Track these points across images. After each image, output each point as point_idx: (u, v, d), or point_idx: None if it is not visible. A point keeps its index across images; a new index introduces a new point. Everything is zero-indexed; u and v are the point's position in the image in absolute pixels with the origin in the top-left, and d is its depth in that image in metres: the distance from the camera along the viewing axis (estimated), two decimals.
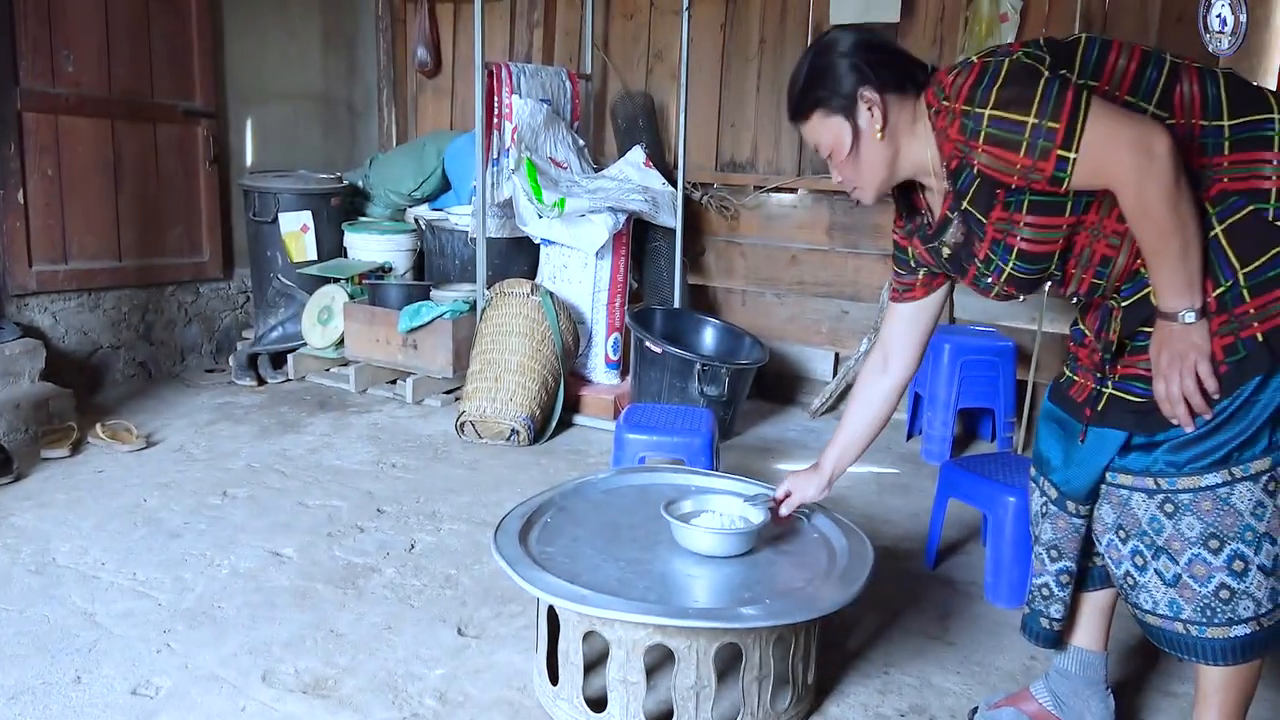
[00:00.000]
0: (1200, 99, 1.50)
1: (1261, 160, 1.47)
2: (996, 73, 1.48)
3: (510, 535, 1.96)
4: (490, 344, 3.67)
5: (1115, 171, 1.44)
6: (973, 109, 1.49)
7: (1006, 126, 1.46)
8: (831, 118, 1.66)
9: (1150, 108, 1.50)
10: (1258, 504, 1.52)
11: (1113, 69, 1.52)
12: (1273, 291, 1.45)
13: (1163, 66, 1.52)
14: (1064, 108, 1.43)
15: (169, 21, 4.20)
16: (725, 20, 4.39)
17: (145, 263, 4.19)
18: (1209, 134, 1.49)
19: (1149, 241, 1.47)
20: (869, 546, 1.97)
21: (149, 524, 2.74)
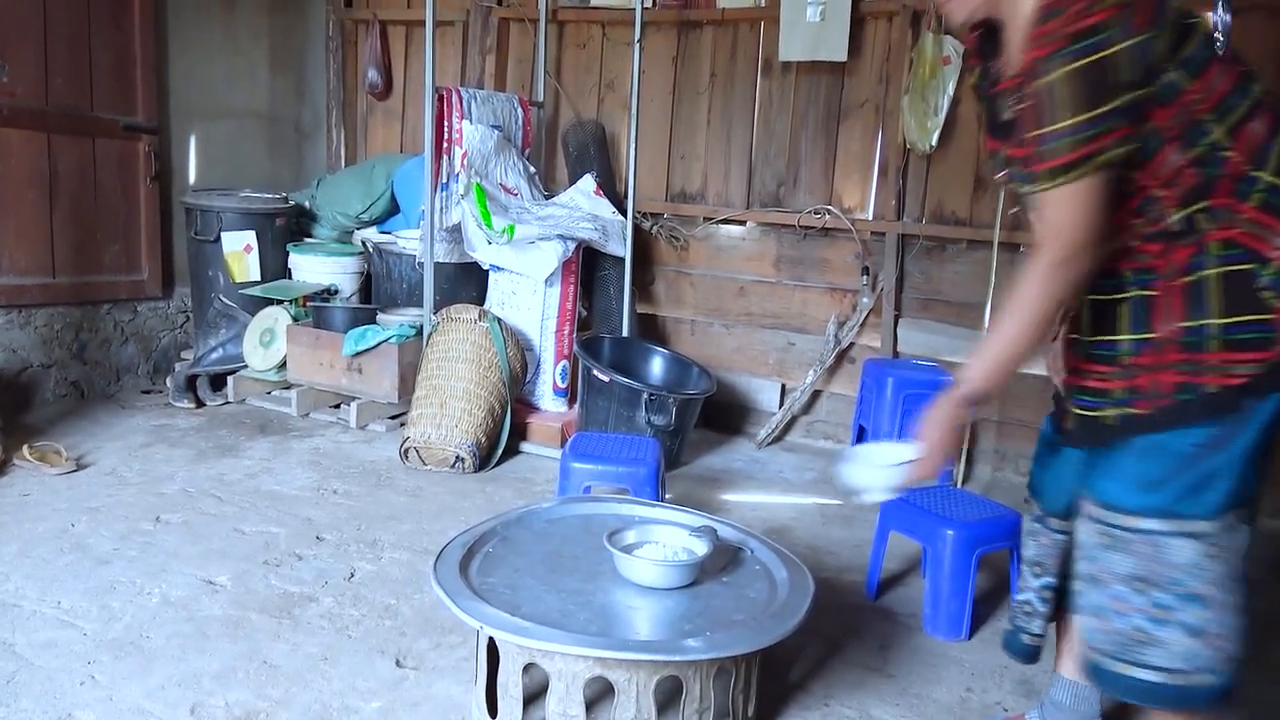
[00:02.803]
0: (1261, 145, 1.49)
1: (1276, 230, 1.48)
2: (1101, 50, 1.41)
3: (451, 565, 1.94)
4: (436, 369, 3.63)
5: (1048, 234, 1.49)
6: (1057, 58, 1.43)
7: (1048, 97, 1.44)
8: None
9: (1217, 131, 1.48)
10: (1195, 564, 1.51)
11: (1209, 80, 1.48)
12: (1239, 353, 1.48)
13: (1248, 95, 1.50)
14: (1077, 152, 1.43)
15: (111, 34, 4.13)
16: (677, 53, 4.44)
17: (80, 280, 4.09)
18: (1248, 180, 1.49)
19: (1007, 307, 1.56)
20: (809, 578, 1.98)
21: (76, 550, 2.65)
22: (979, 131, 3.84)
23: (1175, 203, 1.51)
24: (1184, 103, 1.47)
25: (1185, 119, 1.47)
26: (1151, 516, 1.52)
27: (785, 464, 3.95)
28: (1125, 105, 1.43)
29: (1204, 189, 1.49)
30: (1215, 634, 1.52)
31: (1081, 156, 1.43)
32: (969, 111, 3.85)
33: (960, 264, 3.95)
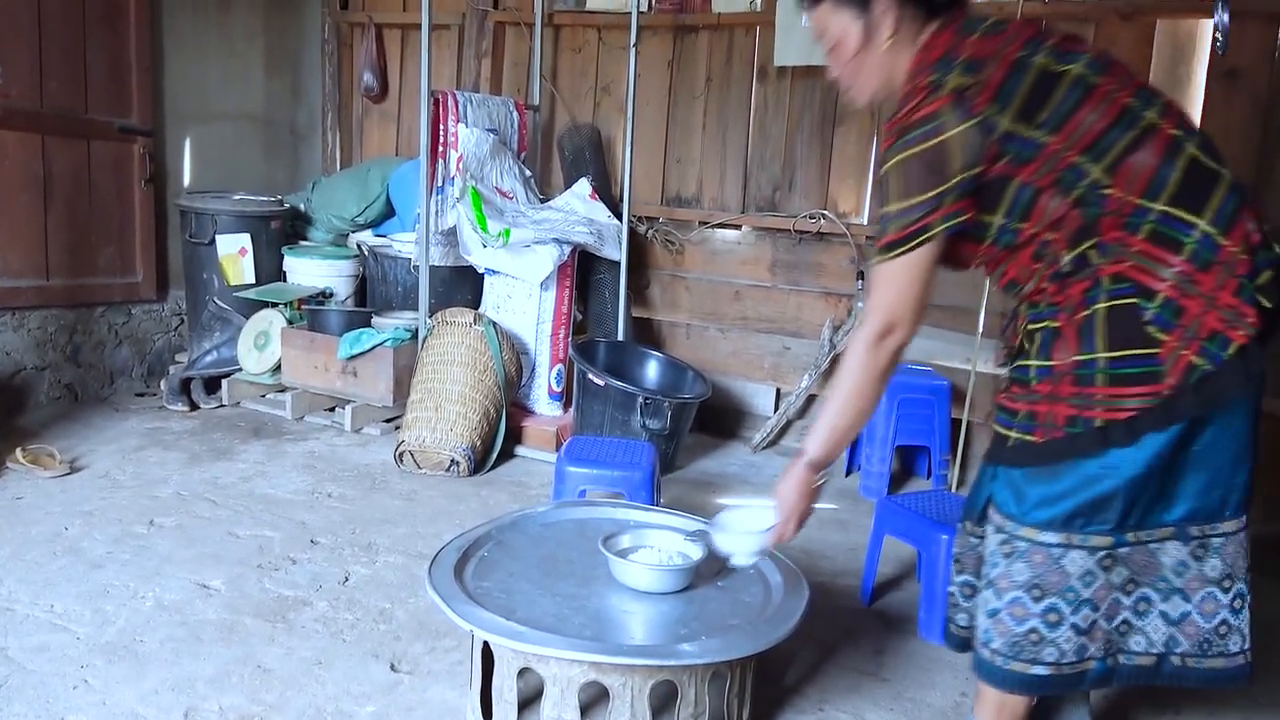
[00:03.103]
0: (1150, 175, 1.52)
1: (1166, 262, 1.50)
2: (929, 139, 1.54)
3: (445, 569, 1.94)
4: (432, 373, 3.63)
5: (869, 305, 1.65)
6: (896, 145, 1.58)
7: (887, 184, 1.60)
8: (842, 9, 1.67)
9: (1095, 170, 1.53)
10: (1088, 572, 1.60)
11: (1076, 126, 1.53)
12: (1125, 388, 1.51)
13: (1133, 126, 1.53)
14: (907, 229, 1.57)
15: (107, 37, 4.12)
16: (673, 58, 4.45)
17: (74, 282, 4.08)
18: (1139, 212, 1.52)
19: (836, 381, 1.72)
20: (804, 583, 1.98)
21: (69, 553, 2.64)
22: None
23: (1065, 244, 1.57)
24: (1047, 155, 1.54)
25: (1054, 167, 1.54)
26: (1049, 530, 1.60)
27: (780, 468, 3.92)
28: (954, 186, 1.54)
29: (1090, 228, 1.55)
30: (1102, 628, 1.63)
31: (902, 237, 1.57)
32: None
33: None
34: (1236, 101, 3.46)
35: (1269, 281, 1.51)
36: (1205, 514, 1.62)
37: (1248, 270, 1.49)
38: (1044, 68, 1.55)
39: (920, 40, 1.65)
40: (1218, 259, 1.49)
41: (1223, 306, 1.48)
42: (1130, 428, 1.52)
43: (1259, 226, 1.53)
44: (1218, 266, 1.49)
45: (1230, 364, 1.49)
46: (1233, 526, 1.64)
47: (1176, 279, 1.49)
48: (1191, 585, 1.64)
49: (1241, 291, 1.48)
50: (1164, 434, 1.52)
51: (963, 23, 1.64)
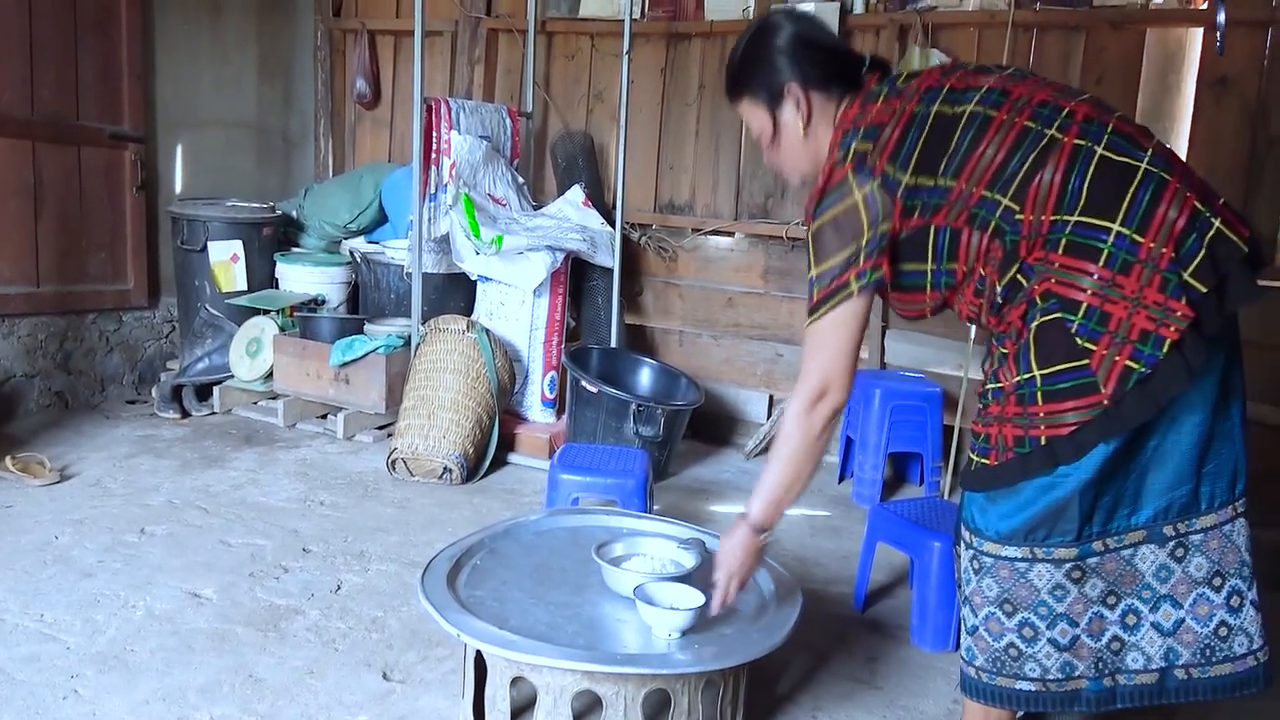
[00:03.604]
0: (1059, 191, 1.53)
1: (1085, 271, 1.50)
2: (838, 203, 1.64)
3: (438, 578, 1.93)
4: (424, 380, 3.62)
5: (803, 376, 1.71)
6: (815, 213, 1.68)
7: (809, 252, 1.69)
8: (758, 106, 1.78)
9: (1004, 200, 1.56)
10: (1057, 585, 1.59)
11: (976, 163, 1.58)
12: (1062, 403, 1.52)
13: (1034, 148, 1.55)
14: (827, 289, 1.66)
15: (98, 43, 4.11)
16: (665, 65, 4.46)
17: (65, 289, 4.06)
18: (1055, 228, 1.53)
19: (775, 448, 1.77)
20: (798, 591, 1.98)
21: (60, 562, 2.63)
22: None
23: (996, 275, 1.61)
24: (954, 198, 1.60)
25: (965, 206, 1.60)
26: (1011, 544, 1.60)
27: None
28: (865, 245, 1.63)
29: (1012, 255, 1.58)
30: (1088, 646, 1.60)
31: (824, 297, 1.65)
32: None
33: None
34: (1226, 109, 3.48)
35: (1203, 262, 1.48)
36: (1178, 510, 1.59)
37: (1171, 263, 1.47)
38: (938, 116, 1.62)
39: (835, 117, 1.74)
40: (1137, 258, 1.48)
41: (1150, 305, 1.47)
42: (1075, 443, 1.52)
43: (1184, 205, 1.50)
44: (1138, 266, 1.48)
45: (1167, 362, 1.47)
46: (1212, 520, 1.61)
47: (1097, 286, 1.49)
48: (1179, 589, 1.61)
49: (1167, 286, 1.47)
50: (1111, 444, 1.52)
51: (870, 91, 1.72)
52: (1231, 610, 1.62)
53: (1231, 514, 1.62)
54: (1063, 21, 3.68)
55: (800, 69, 1.72)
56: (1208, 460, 1.59)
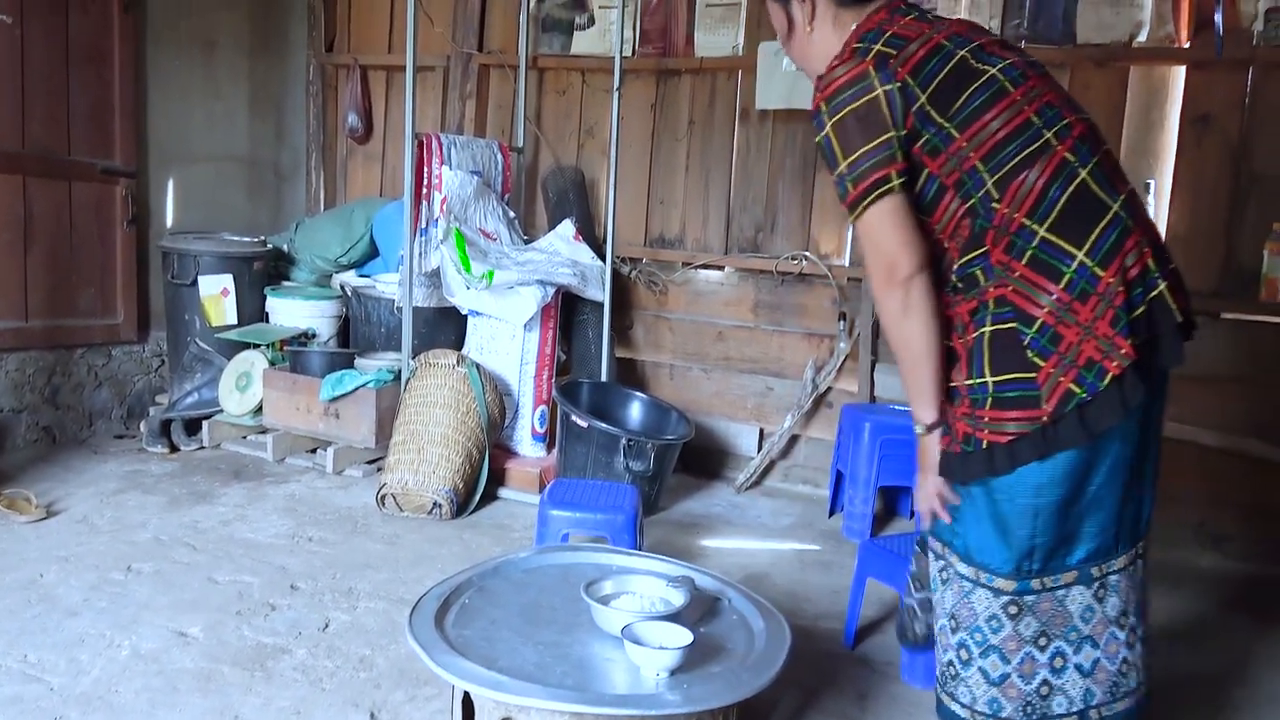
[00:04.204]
0: (1037, 196, 1.57)
1: (1044, 289, 1.55)
2: (860, 97, 1.61)
3: (426, 617, 1.92)
4: (414, 414, 3.62)
5: (867, 261, 1.66)
6: (824, 110, 1.64)
7: (830, 150, 1.64)
8: (775, 4, 1.83)
9: (989, 180, 1.59)
10: (992, 616, 1.64)
11: (981, 128, 1.59)
12: (1006, 411, 1.57)
13: (1030, 144, 1.58)
14: (863, 183, 1.60)
15: (90, 79, 4.13)
16: (656, 101, 4.50)
17: (54, 324, 4.06)
18: (1023, 234, 1.57)
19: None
20: (786, 629, 1.97)
21: (44, 601, 2.60)
22: None
23: (957, 253, 1.64)
24: (953, 151, 1.60)
25: (958, 166, 1.60)
26: (963, 561, 1.67)
27: (764, 509, 3.95)
28: (894, 138, 1.60)
29: (978, 239, 1.61)
30: (1018, 688, 1.63)
31: (864, 190, 1.60)
32: None
33: None
34: (1208, 146, 3.53)
35: (1142, 315, 1.56)
36: (1103, 552, 1.64)
37: (1124, 302, 1.53)
38: (963, 60, 1.63)
39: (856, 21, 1.73)
40: (1095, 290, 1.54)
41: (1100, 336, 1.53)
42: (1011, 453, 1.56)
43: (1140, 258, 1.57)
44: (1094, 297, 1.53)
45: (1106, 394, 1.52)
46: (1124, 561, 1.67)
47: (1054, 306, 1.54)
48: (1098, 630, 1.65)
49: (1117, 323, 1.52)
50: (1053, 464, 1.56)
51: (899, 5, 1.74)
52: (1129, 646, 1.67)
53: (1136, 554, 1.69)
54: (1047, 59, 3.65)
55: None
56: (1128, 503, 1.64)
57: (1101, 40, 3.64)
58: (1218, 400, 3.50)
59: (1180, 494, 3.58)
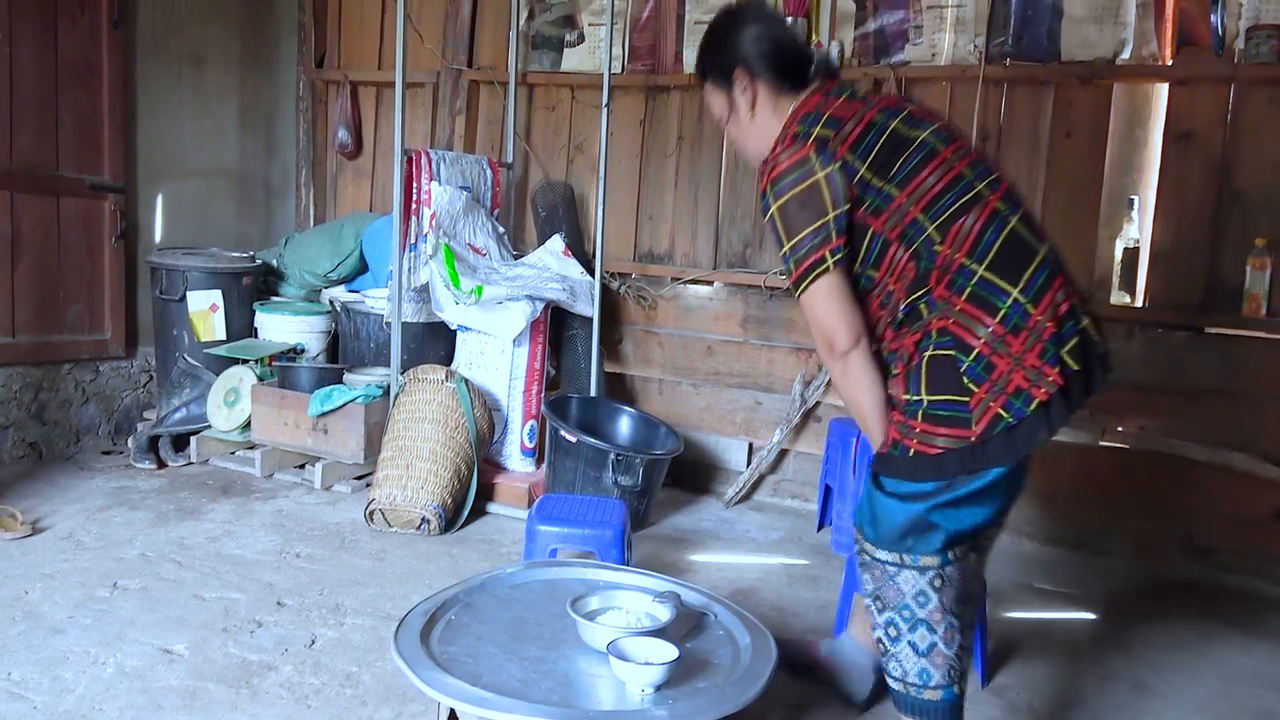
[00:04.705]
0: (975, 238, 1.76)
1: (982, 322, 1.72)
2: (801, 182, 1.79)
3: (412, 633, 1.92)
4: (403, 430, 3.61)
5: (813, 332, 1.86)
6: (770, 193, 1.82)
7: (775, 231, 1.83)
8: (716, 87, 2.00)
9: (930, 228, 1.78)
10: (920, 592, 1.78)
11: (919, 184, 1.79)
12: (937, 427, 1.73)
13: (964, 194, 1.78)
14: (804, 264, 1.80)
15: (79, 94, 4.14)
16: (645, 117, 4.52)
17: (41, 340, 4.04)
18: (963, 272, 1.75)
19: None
20: (772, 645, 1.98)
21: (29, 618, 2.59)
22: None
23: (903, 293, 1.81)
24: (894, 208, 1.79)
25: (900, 221, 1.79)
26: (886, 550, 1.80)
27: (752, 523, 3.95)
28: (833, 220, 1.78)
29: (922, 279, 1.78)
30: (943, 653, 1.78)
31: (805, 270, 1.79)
32: None
33: None
34: (1191, 163, 3.56)
35: (1076, 346, 1.73)
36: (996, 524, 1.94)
37: (1053, 336, 1.71)
38: (896, 130, 1.82)
39: (793, 105, 1.92)
40: (1026, 325, 1.71)
41: (1028, 367, 1.69)
42: (938, 465, 1.72)
43: (1067, 296, 1.76)
44: (1025, 332, 1.71)
45: (1032, 417, 1.69)
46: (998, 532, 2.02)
47: (990, 339, 1.71)
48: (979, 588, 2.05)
49: (1045, 354, 1.69)
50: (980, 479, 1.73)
51: (832, 88, 1.92)
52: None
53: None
54: (1032, 76, 3.77)
55: (750, 57, 1.92)
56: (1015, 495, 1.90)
57: (1085, 58, 3.67)
58: (1202, 414, 3.53)
59: (1166, 508, 3.60)
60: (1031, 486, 3.57)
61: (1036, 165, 3.78)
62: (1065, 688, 2.60)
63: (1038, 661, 2.74)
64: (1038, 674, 2.66)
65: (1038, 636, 2.92)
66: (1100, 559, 3.65)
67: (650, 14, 4.46)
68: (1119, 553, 3.67)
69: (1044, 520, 3.76)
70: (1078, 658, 2.79)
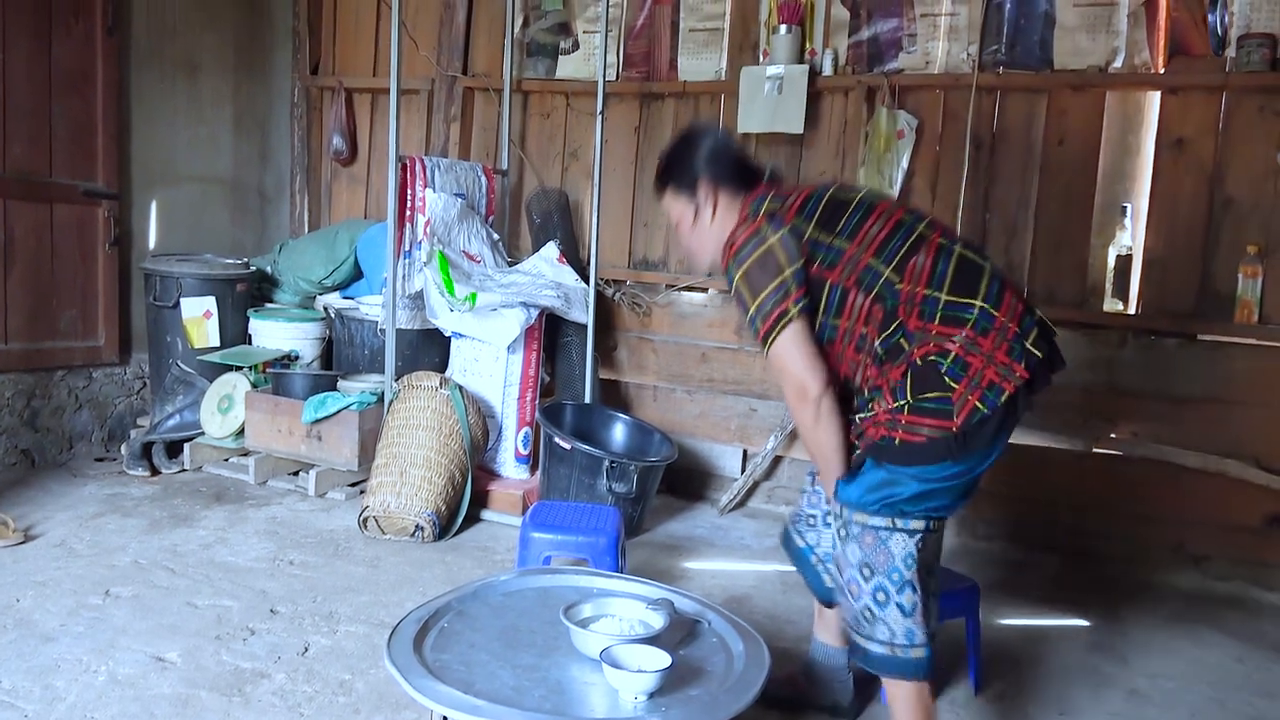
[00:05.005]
0: (929, 272, 1.96)
1: (956, 334, 1.92)
2: (757, 248, 2.00)
3: (405, 641, 1.91)
4: (397, 437, 3.61)
5: (782, 382, 2.02)
6: (732, 265, 2.03)
7: (740, 295, 2.02)
8: (679, 197, 2.21)
9: (886, 270, 1.96)
10: (909, 554, 1.94)
11: (865, 234, 2.00)
12: (923, 418, 1.90)
13: (910, 236, 1.99)
14: (769, 319, 1.97)
15: (73, 102, 4.14)
16: (639, 124, 4.53)
17: (34, 346, 4.04)
18: (929, 301, 1.94)
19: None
20: (765, 652, 1.97)
21: (20, 626, 2.58)
22: (932, 201, 3.94)
23: (876, 333, 1.97)
24: (847, 259, 1.99)
25: (854, 269, 1.98)
26: (880, 515, 1.95)
27: (747, 530, 3.95)
28: (791, 276, 1.97)
29: (892, 315, 1.96)
30: (923, 612, 1.95)
31: (770, 326, 1.97)
32: (923, 184, 3.95)
33: None
34: (1183, 169, 3.58)
35: (1037, 337, 1.94)
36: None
37: (1016, 334, 1.92)
38: (832, 195, 2.08)
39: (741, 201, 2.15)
40: (993, 326, 1.92)
41: (999, 363, 1.90)
42: (924, 451, 1.89)
43: (1020, 299, 1.99)
44: (993, 332, 1.91)
45: (1004, 407, 1.90)
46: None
47: (964, 342, 1.90)
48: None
49: (1012, 351, 1.91)
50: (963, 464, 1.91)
51: (774, 183, 2.21)
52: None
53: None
54: (1025, 84, 3.78)
55: (712, 170, 2.15)
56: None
57: (1078, 66, 3.69)
58: (1195, 421, 3.54)
59: (1159, 514, 3.61)
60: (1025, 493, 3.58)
61: (1030, 173, 3.80)
62: (1059, 695, 2.61)
63: (1031, 668, 2.74)
64: (1031, 681, 2.66)
65: (1031, 643, 2.92)
66: (1093, 565, 3.66)
67: (645, 22, 4.47)
68: (1112, 559, 3.67)
69: (1037, 527, 3.77)
70: (1071, 665, 2.79)
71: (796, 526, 2.37)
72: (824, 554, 2.29)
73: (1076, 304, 3.76)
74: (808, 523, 2.34)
